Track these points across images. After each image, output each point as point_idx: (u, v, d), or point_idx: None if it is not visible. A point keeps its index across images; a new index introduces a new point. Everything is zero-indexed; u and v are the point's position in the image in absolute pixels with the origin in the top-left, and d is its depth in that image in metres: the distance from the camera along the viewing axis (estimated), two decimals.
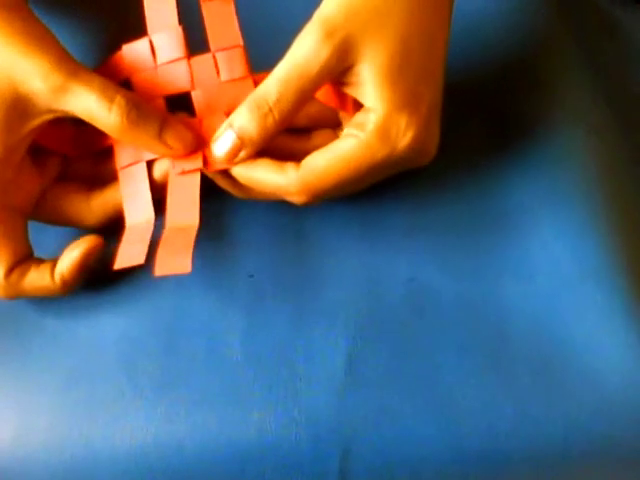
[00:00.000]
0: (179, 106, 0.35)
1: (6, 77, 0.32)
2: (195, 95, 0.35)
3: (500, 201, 0.37)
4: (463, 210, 0.37)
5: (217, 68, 0.35)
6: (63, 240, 0.36)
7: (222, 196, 0.36)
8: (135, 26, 0.35)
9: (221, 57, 0.35)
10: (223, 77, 0.35)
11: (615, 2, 0.45)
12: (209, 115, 0.35)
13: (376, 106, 0.32)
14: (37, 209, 0.36)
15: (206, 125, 0.35)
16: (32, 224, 0.36)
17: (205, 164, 0.34)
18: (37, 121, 0.33)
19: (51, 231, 0.37)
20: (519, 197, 0.37)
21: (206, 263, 0.36)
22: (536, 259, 0.36)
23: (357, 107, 0.34)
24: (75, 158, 0.37)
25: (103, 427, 0.34)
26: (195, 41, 0.35)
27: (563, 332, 0.35)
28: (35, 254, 0.36)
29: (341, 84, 0.33)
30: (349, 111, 0.34)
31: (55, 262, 0.34)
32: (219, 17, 0.35)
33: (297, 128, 0.36)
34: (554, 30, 0.41)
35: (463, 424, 0.33)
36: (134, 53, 0.35)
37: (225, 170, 0.34)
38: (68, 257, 0.34)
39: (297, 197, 0.33)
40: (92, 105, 0.32)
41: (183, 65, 0.35)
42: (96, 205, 0.36)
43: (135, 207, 0.35)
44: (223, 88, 0.35)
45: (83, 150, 0.37)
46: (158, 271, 0.32)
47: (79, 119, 0.33)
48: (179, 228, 0.34)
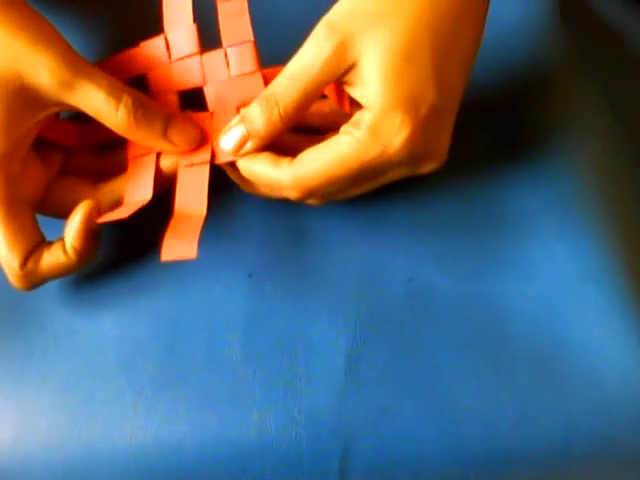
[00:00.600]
0: (194, 100, 0.36)
1: (13, 70, 0.32)
2: (207, 90, 0.36)
3: (501, 203, 0.37)
4: (464, 211, 0.37)
5: (228, 63, 0.35)
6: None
7: (222, 196, 0.36)
8: (137, 24, 0.35)
9: (232, 52, 0.35)
10: (233, 72, 0.35)
11: (616, 4, 0.45)
12: (220, 109, 0.36)
13: (371, 104, 0.32)
14: (43, 202, 0.36)
15: (217, 118, 0.35)
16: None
17: (213, 156, 0.35)
18: (43, 114, 0.33)
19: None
20: (520, 199, 0.37)
21: (206, 263, 0.36)
22: (537, 260, 0.36)
23: (358, 106, 0.34)
24: (75, 153, 0.37)
25: (103, 427, 0.34)
26: (209, 38, 0.36)
27: (563, 332, 0.35)
28: None
29: (344, 84, 0.33)
30: (346, 109, 0.35)
31: (63, 240, 0.34)
32: (232, 15, 0.35)
33: (312, 128, 0.36)
34: (557, 36, 0.41)
35: (463, 424, 0.33)
36: (150, 50, 0.36)
37: (234, 163, 0.35)
38: (71, 227, 0.34)
39: (290, 192, 0.34)
40: (99, 103, 0.33)
41: (196, 61, 0.36)
42: (104, 194, 0.36)
43: (136, 188, 0.35)
44: (233, 82, 0.35)
45: (88, 143, 0.37)
46: (164, 256, 0.32)
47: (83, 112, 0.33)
48: (187, 215, 0.34)
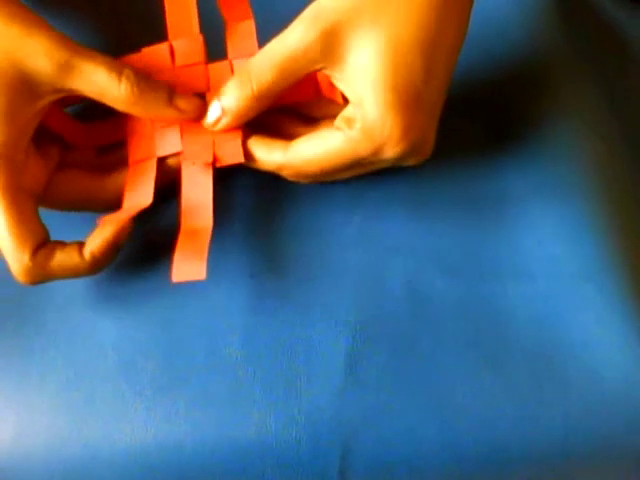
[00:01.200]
0: None
1: (9, 59, 0.32)
2: (209, 96, 0.36)
3: (500, 202, 0.37)
4: (463, 210, 0.37)
5: (232, 72, 0.36)
6: (62, 236, 0.36)
7: (221, 196, 0.36)
8: (135, 30, 0.35)
9: (237, 64, 0.36)
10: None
11: (615, 2, 0.45)
12: None
13: (363, 103, 0.32)
14: (47, 194, 0.36)
15: None
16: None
17: (215, 160, 0.35)
18: (43, 102, 0.33)
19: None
20: (519, 198, 0.37)
21: (207, 263, 0.36)
22: (536, 259, 0.36)
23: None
24: (74, 149, 0.37)
25: (103, 427, 0.34)
26: (209, 38, 0.36)
27: (563, 332, 0.35)
28: None
29: (332, 77, 0.33)
30: (338, 101, 0.35)
31: (79, 243, 0.34)
32: (240, 34, 0.36)
33: (308, 116, 0.36)
34: (555, 32, 0.41)
35: (463, 424, 0.33)
36: (153, 56, 0.36)
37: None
38: (100, 235, 0.34)
39: (285, 172, 0.35)
40: (101, 79, 0.32)
41: (201, 69, 0.36)
42: (111, 183, 0.36)
43: (136, 193, 0.35)
44: None
45: (91, 143, 0.37)
46: (175, 278, 0.33)
47: (86, 113, 0.33)
48: (193, 230, 0.34)
